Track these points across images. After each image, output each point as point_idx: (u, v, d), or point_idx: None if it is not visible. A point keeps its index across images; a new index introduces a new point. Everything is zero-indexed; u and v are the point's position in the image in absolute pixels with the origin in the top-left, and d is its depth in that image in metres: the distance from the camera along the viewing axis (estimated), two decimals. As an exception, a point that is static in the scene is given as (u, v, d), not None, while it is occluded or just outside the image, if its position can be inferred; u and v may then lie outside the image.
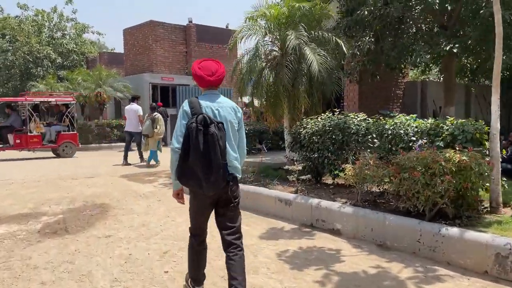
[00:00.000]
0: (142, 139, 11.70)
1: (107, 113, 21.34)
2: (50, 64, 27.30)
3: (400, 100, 14.22)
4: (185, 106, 3.06)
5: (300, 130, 6.49)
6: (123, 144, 18.25)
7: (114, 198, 7.41)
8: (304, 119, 6.62)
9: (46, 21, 28.99)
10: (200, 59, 3.29)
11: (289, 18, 6.87)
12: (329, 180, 6.76)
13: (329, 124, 6.03)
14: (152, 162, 11.64)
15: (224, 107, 3.11)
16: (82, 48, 29.58)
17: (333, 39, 6.76)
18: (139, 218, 6.07)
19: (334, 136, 5.90)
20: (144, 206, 6.82)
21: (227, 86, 20.55)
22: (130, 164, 11.82)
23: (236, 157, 3.12)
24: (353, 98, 12.89)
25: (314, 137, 6.22)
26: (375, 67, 9.91)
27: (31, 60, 26.56)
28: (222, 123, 2.96)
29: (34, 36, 26.96)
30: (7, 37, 27.57)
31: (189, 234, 3.32)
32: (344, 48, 6.83)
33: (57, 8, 29.44)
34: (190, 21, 19.93)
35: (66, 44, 28.48)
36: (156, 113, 11.34)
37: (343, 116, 6.06)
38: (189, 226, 3.31)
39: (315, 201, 5.31)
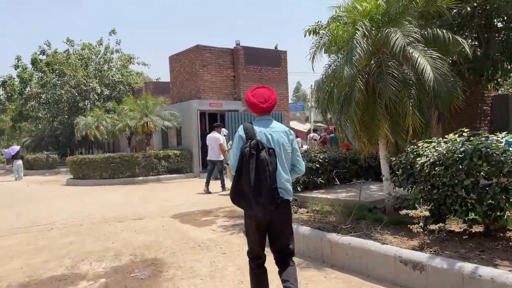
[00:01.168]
0: (225, 167, 12.00)
1: (154, 143, 20.42)
2: (97, 96, 27.12)
3: (488, 117, 12.14)
4: (240, 131, 3.29)
5: (415, 159, 4.79)
6: (171, 176, 17.47)
7: (168, 250, 5.94)
8: (418, 143, 4.92)
9: (92, 54, 29.09)
10: (253, 87, 3.49)
11: (385, 14, 5.28)
12: (453, 225, 4.97)
13: (460, 149, 4.30)
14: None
15: (276, 132, 3.32)
16: (128, 79, 29.36)
17: (449, 36, 5.08)
18: (204, 285, 4.52)
19: (471, 166, 4.16)
20: (206, 263, 5.28)
21: (276, 109, 19.15)
22: (210, 193, 11.72)
23: (288, 179, 3.29)
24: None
25: (436, 168, 4.50)
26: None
27: (77, 93, 26.47)
28: (273, 149, 3.16)
29: (81, 70, 26.96)
30: (56, 71, 27.77)
31: (248, 259, 3.47)
32: (467, 48, 5.12)
33: (103, 40, 29.54)
34: (238, 44, 18.86)
35: (112, 76, 28.33)
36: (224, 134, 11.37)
37: (483, 138, 4.31)
38: (247, 249, 3.48)
39: (467, 267, 3.54)
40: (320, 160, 7.51)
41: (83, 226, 7.94)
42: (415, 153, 4.88)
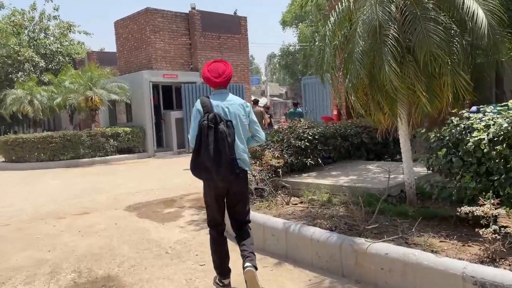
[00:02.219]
0: None
1: (100, 120, 18.28)
2: (32, 68, 24.13)
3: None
4: (198, 105, 3.35)
5: (465, 135, 3.56)
6: (122, 156, 15.61)
7: (125, 262, 4.43)
8: (465, 113, 3.70)
9: (25, 20, 25.76)
10: (209, 62, 3.54)
11: None
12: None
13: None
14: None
15: (233, 105, 3.38)
16: (68, 49, 26.41)
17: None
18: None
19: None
20: (180, 282, 3.85)
21: (238, 82, 17.65)
22: None
23: (244, 149, 3.38)
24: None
25: (497, 147, 3.30)
26: None
27: (10, 63, 23.38)
28: (231, 121, 3.27)
29: (13, 37, 23.73)
30: (-18, 39, 24.33)
31: (209, 228, 3.57)
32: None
33: (37, 5, 26.21)
34: (193, 8, 16.93)
35: (49, 45, 25.30)
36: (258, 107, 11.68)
37: None
38: (207, 219, 3.59)
39: None
40: (309, 137, 6.19)
41: (10, 227, 6.19)
42: (462, 126, 3.65)
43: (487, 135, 3.39)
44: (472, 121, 3.59)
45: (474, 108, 4.88)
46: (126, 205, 7.24)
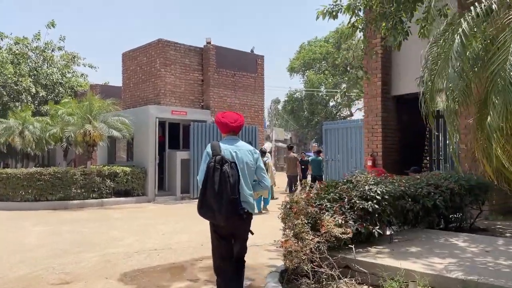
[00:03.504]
0: None
1: (98, 157, 16.67)
2: (30, 98, 22.78)
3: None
4: (208, 149, 3.58)
5: None
6: (118, 199, 13.81)
7: None
8: None
9: (28, 49, 24.69)
10: (222, 112, 3.91)
11: None
12: None
13: None
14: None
15: (241, 150, 3.65)
16: (70, 81, 25.21)
17: None
18: None
19: None
20: None
21: (251, 123, 16.25)
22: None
23: (251, 193, 3.59)
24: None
25: None
26: None
27: (5, 93, 22.04)
28: (235, 163, 3.48)
29: (11, 66, 22.50)
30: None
31: (215, 275, 3.68)
32: None
33: (41, 34, 25.28)
34: (209, 42, 15.82)
35: (51, 75, 24.09)
36: (266, 158, 11.03)
37: None
38: (213, 267, 3.73)
39: None
40: (378, 197, 4.57)
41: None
42: None
43: None
44: None
45: None
46: (122, 272, 5.48)
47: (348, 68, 43.58)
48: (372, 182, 4.75)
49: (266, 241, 7.43)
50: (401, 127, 10.64)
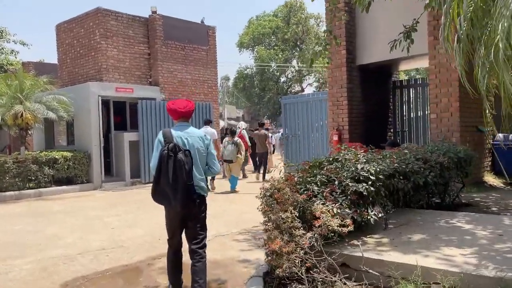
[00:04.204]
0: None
1: (34, 142, 14.97)
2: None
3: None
4: (160, 136, 3.66)
5: None
6: (59, 188, 12.31)
7: None
8: None
9: None
10: (173, 100, 4.00)
11: None
12: None
13: None
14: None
15: (192, 137, 3.73)
16: (-2, 59, 22.64)
17: None
18: None
19: None
20: None
21: (205, 100, 15.22)
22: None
23: (202, 178, 3.72)
24: (447, 106, 8.08)
25: None
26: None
27: None
28: (189, 151, 3.55)
29: None
30: None
31: (168, 246, 3.89)
32: None
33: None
34: (154, 12, 14.38)
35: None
36: (236, 137, 11.16)
37: None
38: (167, 238, 3.89)
39: None
40: (372, 177, 3.84)
41: None
42: None
43: None
44: None
45: None
46: (62, 282, 4.46)
47: (298, 43, 43.13)
48: (364, 160, 4.01)
49: (232, 229, 6.62)
50: (365, 98, 10.09)
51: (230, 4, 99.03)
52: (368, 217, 3.76)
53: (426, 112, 10.53)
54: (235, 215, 7.73)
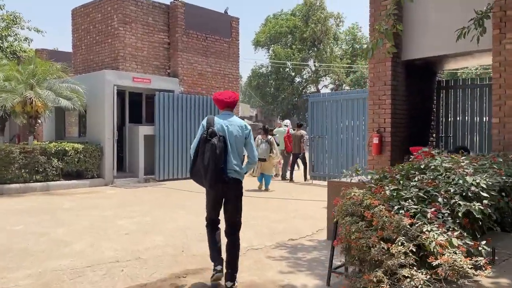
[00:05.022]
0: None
1: (44, 131, 14.16)
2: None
3: None
4: (204, 121, 4.02)
5: None
6: (68, 182, 11.48)
7: None
8: None
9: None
10: (220, 91, 4.62)
11: None
12: None
13: None
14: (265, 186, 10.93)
15: (233, 125, 4.02)
16: (12, 45, 21.90)
17: None
18: None
19: None
20: None
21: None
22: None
23: (238, 164, 3.99)
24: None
25: None
26: None
27: None
28: (223, 136, 3.88)
29: None
30: None
31: (206, 223, 4.21)
32: None
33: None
34: (176, -1, 13.52)
35: (-12, 37, 20.75)
36: (270, 136, 11.10)
37: None
38: (205, 216, 4.21)
39: None
40: (484, 194, 2.86)
41: None
42: None
43: None
44: None
45: None
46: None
47: (316, 43, 42.03)
48: (472, 171, 3.04)
49: (265, 241, 5.66)
50: (409, 98, 9.06)
51: (245, 1, 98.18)
52: (480, 249, 2.79)
53: (475, 117, 9.50)
54: (265, 223, 6.78)
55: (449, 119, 10.00)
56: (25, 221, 6.81)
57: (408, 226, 2.41)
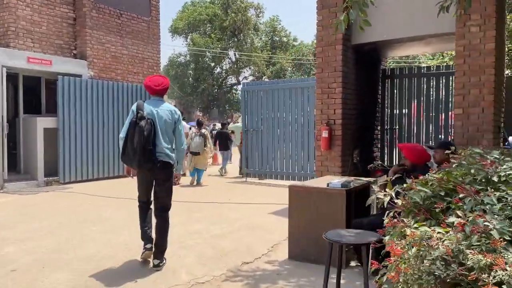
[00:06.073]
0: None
1: None
2: None
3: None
4: (133, 107, 4.15)
5: None
6: None
7: None
8: None
9: None
10: (151, 76, 4.52)
11: None
12: None
13: None
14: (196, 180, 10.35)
15: (162, 110, 4.20)
16: None
17: None
18: None
19: None
20: None
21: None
22: None
23: (168, 147, 4.18)
24: (477, 100, 6.42)
25: None
26: None
27: None
28: (151, 119, 4.06)
29: None
30: None
31: (138, 203, 4.39)
32: None
33: None
34: (83, -34, 11.33)
35: None
36: (203, 129, 10.54)
37: None
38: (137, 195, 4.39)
39: None
40: None
41: None
42: None
43: None
44: None
45: None
46: None
47: (236, 33, 40.85)
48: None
49: (213, 269, 4.24)
50: (358, 88, 8.21)
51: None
52: None
53: (422, 109, 8.99)
54: (207, 240, 5.38)
55: (395, 111, 9.39)
56: None
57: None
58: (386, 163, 9.02)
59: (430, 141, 8.71)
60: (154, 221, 4.32)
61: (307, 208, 4.57)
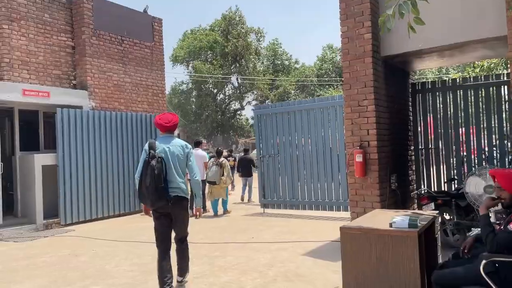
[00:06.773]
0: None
1: None
2: None
3: None
4: (146, 146, 4.34)
5: None
6: None
7: None
8: None
9: None
10: (160, 114, 4.63)
11: None
12: None
13: None
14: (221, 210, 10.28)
15: (174, 146, 4.36)
16: None
17: None
18: None
19: None
20: None
21: (149, 110, 11.71)
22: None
23: (182, 181, 4.33)
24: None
25: None
26: None
27: None
28: (162, 158, 4.20)
29: None
30: None
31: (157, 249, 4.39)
32: None
33: None
34: (81, -8, 10.71)
35: None
36: (222, 158, 10.37)
37: None
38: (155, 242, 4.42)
39: None
40: None
41: None
42: None
43: None
44: None
45: None
46: None
47: (238, 58, 40.46)
48: None
49: None
50: (389, 105, 7.33)
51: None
52: None
53: (461, 125, 8.06)
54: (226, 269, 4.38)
55: (429, 129, 8.46)
56: None
57: None
58: (424, 187, 8.05)
59: (484, 161, 7.74)
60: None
61: (366, 256, 3.61)
